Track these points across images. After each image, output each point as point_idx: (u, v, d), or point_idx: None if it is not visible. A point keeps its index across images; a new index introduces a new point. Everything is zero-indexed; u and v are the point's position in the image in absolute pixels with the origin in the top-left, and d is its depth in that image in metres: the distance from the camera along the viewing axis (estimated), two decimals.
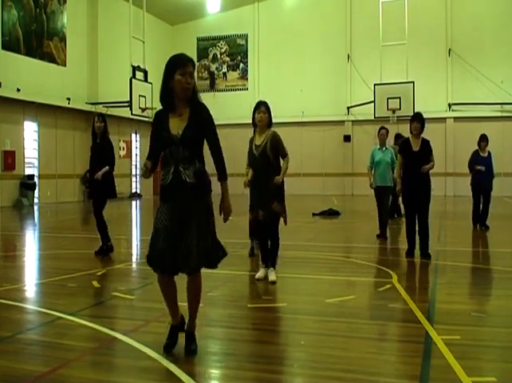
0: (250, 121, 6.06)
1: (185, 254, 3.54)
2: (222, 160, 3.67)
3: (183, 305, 3.87)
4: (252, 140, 6.12)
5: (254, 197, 6.12)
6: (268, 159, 5.93)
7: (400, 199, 8.39)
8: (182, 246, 3.56)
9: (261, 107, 5.96)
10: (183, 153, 3.55)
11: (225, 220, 3.71)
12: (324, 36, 25.48)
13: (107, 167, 7.55)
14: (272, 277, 5.93)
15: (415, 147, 7.44)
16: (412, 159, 7.39)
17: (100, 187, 7.58)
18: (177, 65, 3.57)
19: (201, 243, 3.56)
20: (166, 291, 3.71)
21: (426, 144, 7.48)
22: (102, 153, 7.60)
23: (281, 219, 6.17)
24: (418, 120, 7.47)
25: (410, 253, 7.54)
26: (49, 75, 19.70)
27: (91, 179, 7.74)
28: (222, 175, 3.65)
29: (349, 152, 25.41)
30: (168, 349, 3.65)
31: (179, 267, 3.60)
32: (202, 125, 3.60)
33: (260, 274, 6.06)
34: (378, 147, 9.69)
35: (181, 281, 3.74)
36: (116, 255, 7.70)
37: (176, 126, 3.59)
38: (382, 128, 9.88)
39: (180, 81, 3.54)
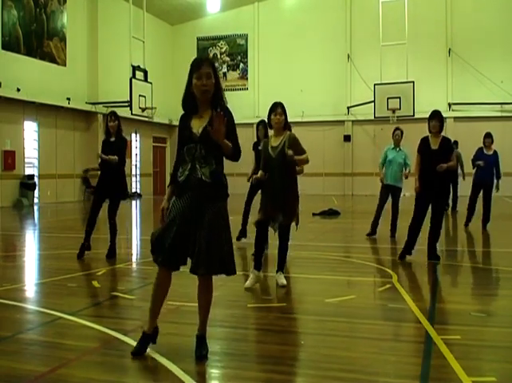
0: (250, 121, 6.05)
1: (198, 254, 3.48)
2: (238, 153, 3.61)
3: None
4: (266, 142, 5.96)
5: (268, 199, 5.83)
6: (285, 160, 5.68)
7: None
8: (192, 246, 3.51)
9: (278, 108, 5.77)
10: (201, 152, 3.53)
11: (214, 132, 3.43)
12: (324, 36, 25.46)
13: (116, 157, 7.35)
14: (282, 280, 5.74)
15: (434, 145, 7.20)
16: (431, 157, 7.14)
17: (119, 186, 7.53)
18: (193, 68, 3.55)
19: (214, 248, 3.49)
20: (159, 287, 3.63)
21: (446, 143, 7.22)
22: (118, 152, 7.46)
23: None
24: (437, 118, 7.19)
25: (406, 251, 7.29)
26: (49, 75, 19.68)
27: (102, 178, 7.59)
28: (234, 153, 3.57)
29: (349, 151, 25.41)
30: (135, 354, 3.57)
31: (180, 264, 3.57)
32: (234, 126, 3.58)
33: (250, 282, 5.66)
34: (392, 146, 9.74)
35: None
36: (116, 255, 7.68)
37: (197, 125, 3.59)
38: (397, 129, 9.89)
39: (196, 85, 3.52)
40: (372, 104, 22.43)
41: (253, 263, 5.85)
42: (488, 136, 11.16)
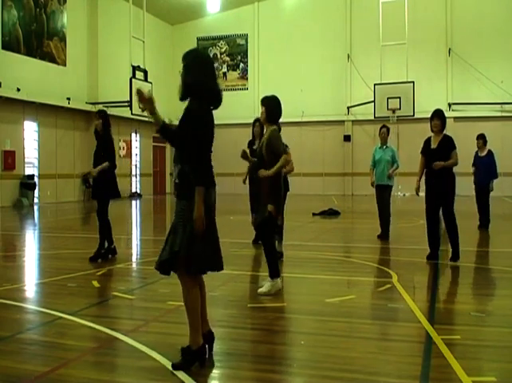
0: (250, 121, 5.95)
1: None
2: (194, 164, 3.34)
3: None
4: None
5: (251, 197, 5.82)
6: (263, 158, 5.46)
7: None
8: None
9: (261, 103, 5.59)
10: (175, 152, 3.55)
11: (196, 232, 3.30)
12: (324, 36, 25.47)
13: (106, 163, 7.16)
14: (261, 288, 5.33)
15: (434, 144, 7.12)
16: (430, 157, 7.05)
17: (101, 186, 7.24)
18: None
19: (170, 244, 3.39)
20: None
21: (446, 141, 7.07)
22: (103, 150, 7.25)
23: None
24: (438, 117, 7.10)
25: (431, 256, 7.20)
26: (49, 75, 19.68)
27: (94, 178, 7.38)
28: (194, 180, 3.32)
29: (349, 151, 25.41)
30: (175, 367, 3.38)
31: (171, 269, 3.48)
32: (184, 124, 3.44)
33: (263, 289, 5.36)
34: (379, 145, 9.76)
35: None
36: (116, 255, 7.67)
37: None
38: (383, 126, 9.91)
39: None
40: (372, 104, 22.46)
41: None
42: (479, 137, 10.96)
